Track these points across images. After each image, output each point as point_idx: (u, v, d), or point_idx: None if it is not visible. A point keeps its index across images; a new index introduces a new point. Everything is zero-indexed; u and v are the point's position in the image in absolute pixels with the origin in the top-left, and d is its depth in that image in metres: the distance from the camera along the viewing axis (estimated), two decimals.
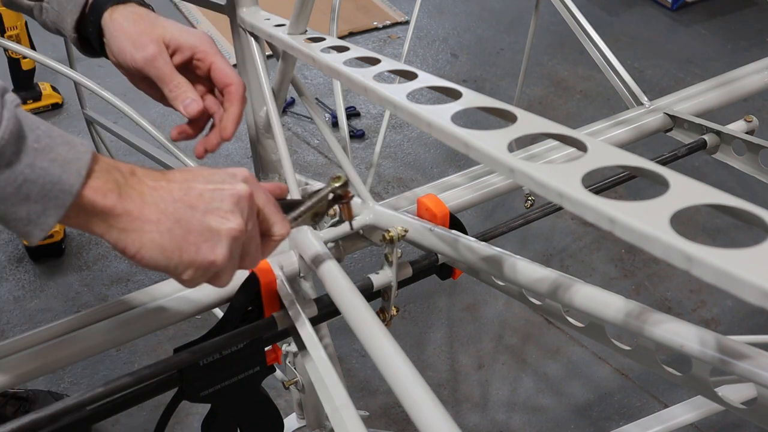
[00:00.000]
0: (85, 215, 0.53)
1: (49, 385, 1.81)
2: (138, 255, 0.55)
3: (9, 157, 0.48)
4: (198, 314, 0.77)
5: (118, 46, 0.75)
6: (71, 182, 0.50)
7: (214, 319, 0.89)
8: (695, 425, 1.75)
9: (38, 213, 0.50)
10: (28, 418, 0.61)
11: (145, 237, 0.55)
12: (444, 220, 0.80)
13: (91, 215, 0.53)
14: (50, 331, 0.70)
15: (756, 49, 3.08)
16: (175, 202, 0.56)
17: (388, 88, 0.61)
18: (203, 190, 0.57)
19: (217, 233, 0.56)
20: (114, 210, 0.53)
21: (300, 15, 0.79)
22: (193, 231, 0.56)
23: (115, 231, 0.54)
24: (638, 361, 0.70)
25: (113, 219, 0.54)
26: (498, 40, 3.17)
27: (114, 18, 0.76)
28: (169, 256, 0.55)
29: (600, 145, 0.46)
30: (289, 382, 1.25)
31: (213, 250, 0.56)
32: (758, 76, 1.12)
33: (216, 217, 0.57)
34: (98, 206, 0.53)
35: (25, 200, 0.49)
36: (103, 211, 0.53)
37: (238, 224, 0.57)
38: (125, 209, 0.54)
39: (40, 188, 0.49)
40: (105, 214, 0.53)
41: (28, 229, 0.51)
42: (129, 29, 0.75)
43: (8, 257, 2.18)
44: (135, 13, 0.76)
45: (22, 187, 0.49)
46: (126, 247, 0.55)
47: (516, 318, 2.04)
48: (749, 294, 0.33)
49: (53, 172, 0.50)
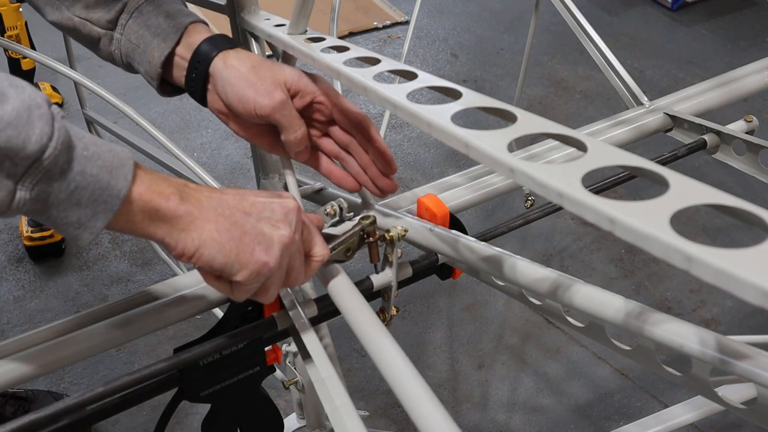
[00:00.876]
0: (146, 218, 0.55)
1: (49, 385, 1.81)
2: (197, 253, 0.57)
3: (61, 165, 0.50)
4: (198, 314, 0.77)
5: (238, 93, 0.72)
6: (119, 187, 0.53)
7: (214, 319, 0.89)
8: (695, 425, 1.75)
9: (88, 217, 0.52)
10: (28, 418, 0.61)
11: (204, 235, 0.57)
12: (444, 220, 0.80)
13: (152, 218, 0.56)
14: (50, 331, 0.70)
15: (756, 49, 3.08)
16: (230, 208, 0.59)
17: (388, 88, 0.61)
18: (255, 200, 0.61)
19: (269, 238, 0.60)
20: (176, 211, 0.56)
21: (300, 15, 0.79)
22: (248, 233, 0.59)
23: (175, 232, 0.57)
24: (638, 361, 0.70)
25: (175, 220, 0.57)
26: (498, 40, 3.17)
27: (229, 64, 0.73)
28: (227, 254, 0.58)
29: (600, 145, 0.46)
30: (289, 382, 1.25)
31: (266, 252, 0.59)
32: (758, 76, 1.12)
33: (268, 224, 0.60)
34: (161, 209, 0.55)
35: (76, 205, 0.51)
36: (165, 213, 0.56)
37: (288, 233, 0.61)
38: (187, 210, 0.57)
39: (90, 194, 0.52)
40: (167, 216, 0.56)
41: (78, 233, 0.53)
42: (250, 76, 0.72)
43: (8, 257, 2.18)
44: (250, 58, 0.73)
45: (74, 193, 0.51)
46: (186, 246, 0.57)
47: (516, 318, 2.04)
48: (749, 294, 0.33)
49: (102, 178, 0.52)
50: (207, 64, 0.73)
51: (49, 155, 0.48)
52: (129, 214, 0.55)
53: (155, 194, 0.55)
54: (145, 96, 2.61)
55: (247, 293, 0.62)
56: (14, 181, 0.48)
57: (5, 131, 0.47)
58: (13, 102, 0.47)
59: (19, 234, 2.20)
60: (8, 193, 0.48)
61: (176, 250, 0.58)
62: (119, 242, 2.23)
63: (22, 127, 0.47)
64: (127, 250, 2.21)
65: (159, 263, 2.15)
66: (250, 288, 0.61)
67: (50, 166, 0.49)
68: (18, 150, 0.47)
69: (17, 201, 0.49)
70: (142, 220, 0.56)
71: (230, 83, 0.72)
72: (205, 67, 0.74)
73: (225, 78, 0.72)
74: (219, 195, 0.60)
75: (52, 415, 0.62)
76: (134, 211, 0.55)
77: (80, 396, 0.63)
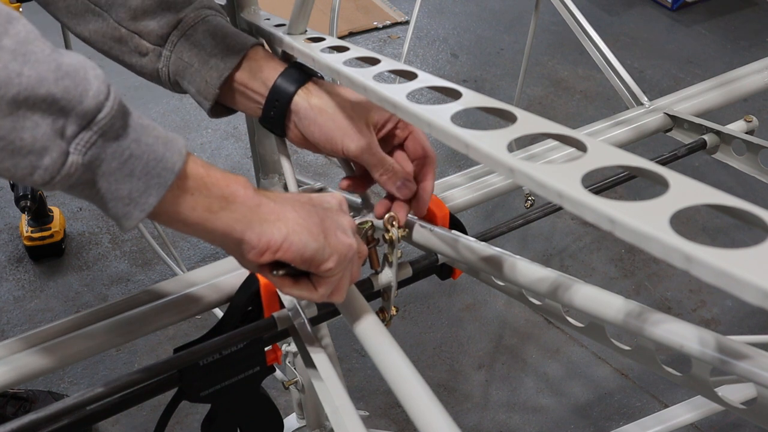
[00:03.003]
0: (212, 206, 0.52)
1: (49, 385, 1.81)
2: (286, 243, 0.55)
3: (117, 130, 0.47)
4: (198, 314, 0.77)
5: (325, 134, 0.70)
6: (173, 160, 0.50)
7: (214, 319, 0.89)
8: (695, 425, 1.75)
9: (140, 191, 0.49)
10: (28, 418, 0.61)
11: (290, 223, 0.55)
12: (444, 220, 0.80)
13: (221, 206, 0.53)
14: (50, 331, 0.70)
15: (756, 49, 3.08)
16: (295, 200, 0.58)
17: (388, 88, 0.61)
18: (308, 195, 0.61)
19: (341, 224, 0.60)
20: (252, 200, 0.54)
21: (300, 15, 0.78)
22: (324, 219, 0.58)
23: (256, 224, 0.54)
24: (638, 361, 0.70)
25: (254, 210, 0.54)
26: (498, 40, 3.17)
27: (314, 105, 0.70)
28: (317, 239, 0.56)
29: (600, 145, 0.46)
30: (289, 382, 1.25)
31: (346, 235, 0.59)
32: (758, 76, 1.12)
33: (333, 213, 0.60)
34: (233, 196, 0.53)
35: (128, 177, 0.48)
36: (237, 199, 0.53)
37: (350, 219, 0.62)
38: (262, 200, 0.54)
39: (144, 165, 0.48)
40: (241, 206, 0.53)
41: (128, 210, 0.49)
42: (336, 117, 0.70)
43: (8, 257, 2.18)
44: (331, 93, 0.71)
45: (127, 162, 0.48)
46: (272, 238, 0.54)
47: (516, 318, 2.04)
48: (749, 294, 0.33)
49: (157, 149, 0.49)
50: (287, 101, 0.71)
51: (105, 115, 0.46)
52: (187, 197, 0.51)
53: (221, 179, 0.52)
54: (145, 96, 2.61)
55: (330, 287, 0.60)
56: (67, 141, 0.45)
57: (63, 80, 0.44)
58: (70, 58, 0.45)
59: (19, 234, 2.20)
60: (60, 154, 0.45)
61: (258, 246, 0.54)
62: (119, 242, 2.23)
63: (79, 80, 0.45)
64: (127, 250, 2.21)
65: (159, 263, 2.14)
66: (335, 279, 0.59)
67: (106, 127, 0.46)
68: (75, 103, 0.44)
69: (69, 165, 0.45)
70: (207, 209, 0.52)
71: (316, 124, 0.70)
72: (284, 104, 0.71)
73: (310, 118, 0.70)
74: (273, 192, 0.58)
75: (52, 415, 0.62)
76: (191, 191, 0.51)
77: (80, 396, 0.63)
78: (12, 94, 0.42)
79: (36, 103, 0.43)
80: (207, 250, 2.20)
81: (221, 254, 0.67)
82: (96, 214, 2.31)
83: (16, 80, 0.42)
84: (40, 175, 0.45)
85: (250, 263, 0.58)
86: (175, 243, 2.19)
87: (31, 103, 0.43)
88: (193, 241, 2.23)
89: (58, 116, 0.44)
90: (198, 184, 0.52)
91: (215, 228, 0.53)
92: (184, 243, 2.22)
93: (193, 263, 2.15)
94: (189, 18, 0.73)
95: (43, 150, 0.44)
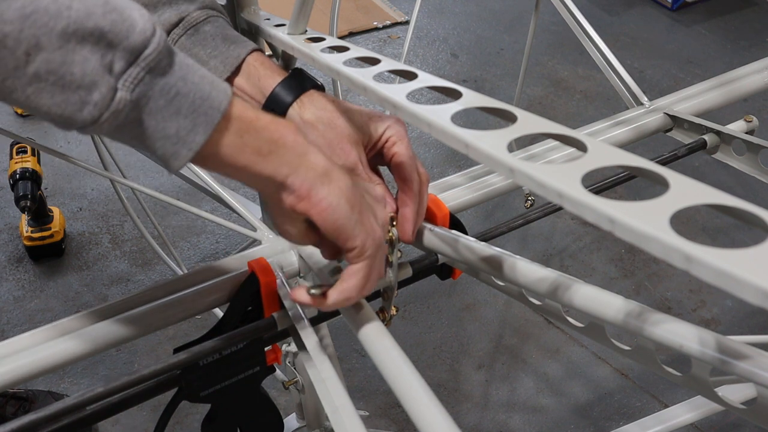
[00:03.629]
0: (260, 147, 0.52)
1: (49, 385, 1.81)
2: (326, 199, 0.54)
3: (164, 67, 0.47)
4: (198, 314, 0.77)
5: None
6: (219, 99, 0.50)
7: (214, 319, 0.89)
8: (695, 425, 1.75)
9: (187, 129, 0.49)
10: (28, 418, 0.61)
11: (333, 183, 0.54)
12: (444, 220, 0.80)
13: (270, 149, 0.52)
14: (50, 331, 0.70)
15: (756, 49, 3.08)
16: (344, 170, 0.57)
17: (387, 88, 0.61)
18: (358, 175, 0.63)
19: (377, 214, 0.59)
20: (303, 147, 0.53)
21: (300, 15, 0.78)
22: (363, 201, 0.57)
23: (302, 170, 0.53)
24: (638, 361, 0.70)
25: (302, 157, 0.53)
26: (498, 40, 3.17)
27: (306, 119, 0.70)
28: (352, 210, 0.55)
29: (600, 145, 0.46)
30: (289, 382, 1.25)
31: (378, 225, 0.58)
32: (758, 76, 1.12)
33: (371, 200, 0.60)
34: (288, 142, 0.53)
35: (175, 114, 0.48)
36: (293, 148, 0.53)
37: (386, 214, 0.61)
38: (315, 150, 0.54)
39: (191, 103, 0.49)
40: (293, 152, 0.53)
41: (176, 149, 0.49)
42: (326, 134, 0.69)
43: (8, 257, 2.18)
44: (324, 110, 0.70)
45: (174, 100, 0.48)
46: (314, 186, 0.53)
47: (516, 318, 2.04)
48: (749, 294, 0.33)
49: (203, 87, 0.49)
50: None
51: (151, 51, 0.46)
52: (236, 138, 0.51)
53: (270, 123, 0.52)
54: None
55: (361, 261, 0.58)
56: (115, 77, 0.46)
57: (110, 14, 0.45)
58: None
59: (19, 234, 2.20)
60: (109, 89, 0.46)
61: (299, 191, 0.53)
62: (119, 242, 2.23)
63: (126, 15, 0.45)
64: (127, 250, 2.21)
65: (159, 263, 2.14)
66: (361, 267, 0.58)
67: (153, 63, 0.47)
68: (122, 37, 0.45)
69: (117, 101, 0.46)
70: (256, 151, 0.52)
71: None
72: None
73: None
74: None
75: (52, 415, 0.62)
76: (240, 133, 0.51)
77: (80, 396, 0.63)
78: (61, 26, 0.43)
79: (84, 36, 0.44)
80: (207, 250, 2.20)
81: (221, 254, 0.67)
82: (96, 214, 2.31)
83: (66, 13, 0.43)
84: (89, 111, 0.46)
85: (285, 211, 0.56)
86: (175, 243, 2.19)
87: (80, 36, 0.44)
88: (193, 241, 2.23)
89: (106, 51, 0.45)
90: (247, 126, 0.52)
91: (262, 171, 0.53)
92: (184, 243, 2.22)
93: (193, 263, 2.15)
94: (192, 17, 0.73)
95: (92, 85, 0.45)
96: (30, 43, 0.43)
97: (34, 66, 0.43)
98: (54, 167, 2.41)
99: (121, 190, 1.66)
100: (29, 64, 0.43)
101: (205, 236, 2.25)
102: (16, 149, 2.12)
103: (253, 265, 0.73)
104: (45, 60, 0.43)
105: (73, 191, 2.39)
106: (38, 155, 2.13)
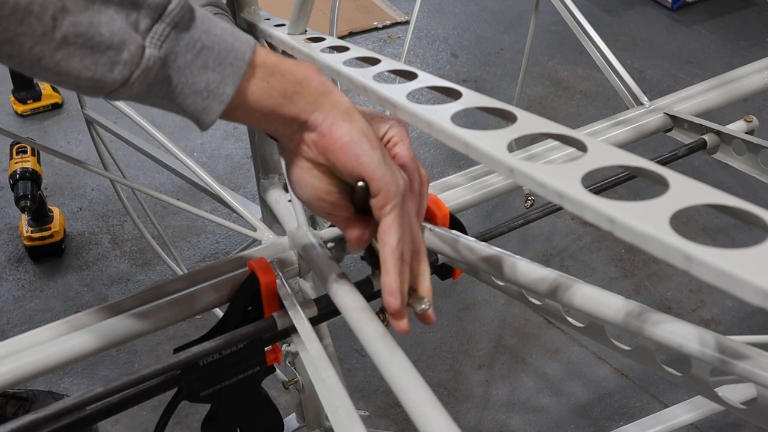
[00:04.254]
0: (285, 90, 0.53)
1: (49, 385, 1.81)
2: (347, 136, 0.54)
3: (187, 22, 0.48)
4: (198, 314, 0.77)
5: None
6: (243, 49, 0.51)
7: (214, 319, 0.89)
8: (695, 425, 1.75)
9: (217, 82, 0.50)
10: (28, 418, 0.61)
11: (355, 123, 0.54)
12: (444, 221, 0.80)
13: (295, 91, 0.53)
14: (50, 331, 0.70)
15: (756, 49, 3.08)
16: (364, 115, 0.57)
17: (387, 88, 0.61)
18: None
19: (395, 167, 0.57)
20: (326, 86, 0.54)
21: (300, 15, 0.78)
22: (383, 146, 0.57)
23: (326, 107, 0.54)
24: (638, 361, 0.70)
25: (326, 95, 0.54)
26: (498, 40, 3.17)
27: None
28: (374, 148, 0.54)
29: (600, 145, 0.46)
30: (289, 382, 1.25)
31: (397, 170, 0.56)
32: (758, 76, 1.12)
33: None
34: (312, 82, 0.53)
35: (203, 68, 0.49)
36: (317, 87, 0.53)
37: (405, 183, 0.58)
38: (337, 90, 0.54)
39: (217, 55, 0.50)
40: (318, 91, 0.53)
41: (208, 103, 0.50)
42: None
43: (8, 257, 2.18)
44: None
45: (201, 53, 0.49)
46: (335, 122, 0.54)
47: (516, 318, 2.04)
48: (749, 294, 0.33)
49: (226, 39, 0.50)
50: None
51: (174, 6, 0.47)
52: (263, 84, 0.52)
53: (293, 65, 0.52)
54: None
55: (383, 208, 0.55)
56: (142, 35, 0.47)
57: None
58: None
59: (19, 234, 2.20)
60: (138, 47, 0.46)
61: (321, 127, 0.54)
62: (119, 242, 2.23)
63: None
64: (127, 250, 2.21)
65: (159, 263, 2.15)
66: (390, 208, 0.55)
67: (177, 18, 0.47)
68: None
69: (146, 59, 0.47)
70: (282, 93, 0.52)
71: None
72: None
73: None
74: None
75: (52, 415, 0.62)
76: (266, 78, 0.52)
77: (80, 396, 0.63)
78: None
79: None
80: (207, 250, 2.20)
81: (221, 254, 0.67)
82: (96, 214, 2.32)
83: None
84: (119, 71, 0.46)
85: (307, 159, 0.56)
86: (175, 243, 2.19)
87: None
88: (193, 241, 2.23)
89: (131, 9, 0.46)
90: (272, 70, 0.52)
91: (289, 113, 0.53)
92: (184, 243, 2.22)
93: (193, 263, 2.15)
94: None
95: (121, 44, 0.46)
96: (56, 6, 0.43)
97: (62, 30, 0.44)
98: (54, 167, 2.41)
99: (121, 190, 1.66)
100: (57, 29, 0.44)
101: (205, 236, 2.25)
102: (16, 149, 2.12)
103: (253, 265, 0.73)
104: (72, 23, 0.44)
105: (73, 191, 2.39)
106: (38, 155, 2.13)
